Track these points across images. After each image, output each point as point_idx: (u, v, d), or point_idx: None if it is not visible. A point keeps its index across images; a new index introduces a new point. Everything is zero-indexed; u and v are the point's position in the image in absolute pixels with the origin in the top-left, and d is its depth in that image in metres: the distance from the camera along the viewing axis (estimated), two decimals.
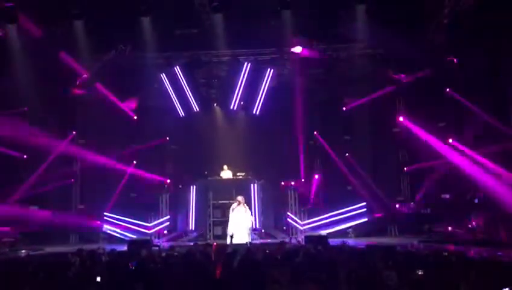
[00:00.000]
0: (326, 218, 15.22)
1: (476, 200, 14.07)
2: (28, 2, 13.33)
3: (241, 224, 13.53)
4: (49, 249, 13.10)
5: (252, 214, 13.96)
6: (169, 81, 16.16)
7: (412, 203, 16.04)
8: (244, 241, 12.64)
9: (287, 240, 13.67)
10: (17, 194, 14.75)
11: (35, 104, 14.77)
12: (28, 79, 14.27)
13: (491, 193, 12.93)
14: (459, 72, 14.45)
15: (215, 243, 10.69)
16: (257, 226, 14.97)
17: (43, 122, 14.91)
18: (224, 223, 14.55)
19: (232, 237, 13.24)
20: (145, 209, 15.80)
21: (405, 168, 16.39)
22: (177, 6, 14.67)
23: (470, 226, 13.69)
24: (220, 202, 15.17)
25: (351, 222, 15.17)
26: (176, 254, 8.46)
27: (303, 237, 13.51)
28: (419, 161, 15.70)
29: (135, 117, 16.41)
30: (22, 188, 14.97)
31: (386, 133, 16.43)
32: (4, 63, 14.27)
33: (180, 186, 16.62)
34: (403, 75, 15.19)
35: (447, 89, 14.72)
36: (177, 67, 16.05)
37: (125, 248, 11.96)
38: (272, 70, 16.04)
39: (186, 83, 16.14)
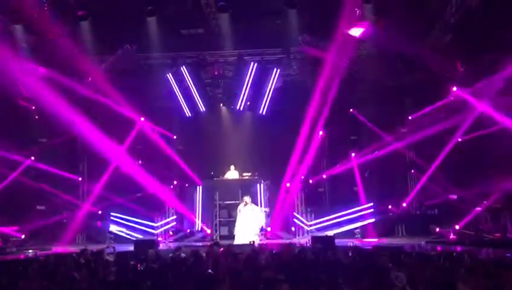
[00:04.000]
0: (333, 219, 15.14)
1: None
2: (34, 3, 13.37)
3: (249, 225, 13.53)
4: (56, 249, 13.15)
5: (262, 211, 14.00)
6: (175, 82, 16.15)
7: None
8: (248, 242, 12.60)
9: (294, 240, 13.61)
10: None
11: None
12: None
13: None
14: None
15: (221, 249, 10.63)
16: (263, 226, 14.93)
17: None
18: (231, 223, 14.57)
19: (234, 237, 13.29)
20: (151, 210, 15.80)
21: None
22: (183, 6, 14.66)
23: (479, 227, 13.61)
24: (226, 202, 15.16)
25: (358, 222, 15.08)
26: (182, 254, 8.43)
27: (310, 237, 13.45)
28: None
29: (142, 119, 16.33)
30: None
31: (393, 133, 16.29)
32: None
33: (187, 185, 16.62)
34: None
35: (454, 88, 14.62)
36: (184, 67, 16.03)
37: (131, 248, 12.00)
38: (278, 70, 15.97)
39: (193, 83, 16.12)
